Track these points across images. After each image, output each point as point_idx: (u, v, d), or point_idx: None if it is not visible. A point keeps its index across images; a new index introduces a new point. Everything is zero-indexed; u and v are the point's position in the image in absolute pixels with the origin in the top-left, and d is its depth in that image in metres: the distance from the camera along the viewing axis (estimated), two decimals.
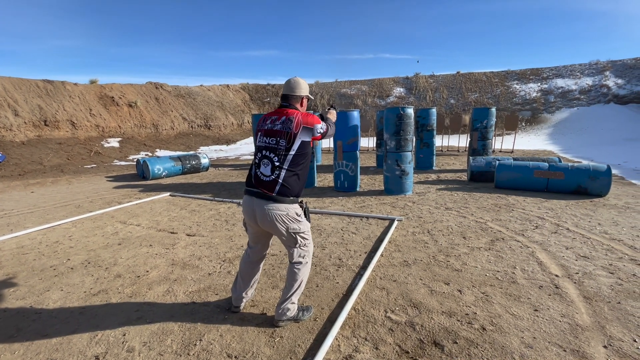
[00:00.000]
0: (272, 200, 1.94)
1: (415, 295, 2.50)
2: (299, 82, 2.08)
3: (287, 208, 1.96)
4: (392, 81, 22.25)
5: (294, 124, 1.94)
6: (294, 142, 1.95)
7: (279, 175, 1.95)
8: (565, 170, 5.37)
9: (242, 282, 2.29)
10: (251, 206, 2.01)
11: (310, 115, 2.03)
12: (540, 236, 3.61)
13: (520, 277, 2.72)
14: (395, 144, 5.67)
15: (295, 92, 2.07)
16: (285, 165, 1.96)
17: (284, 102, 2.09)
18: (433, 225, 4.09)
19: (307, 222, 2.09)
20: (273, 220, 1.95)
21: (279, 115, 2.02)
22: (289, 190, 1.97)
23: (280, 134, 1.96)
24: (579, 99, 17.10)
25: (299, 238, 2.04)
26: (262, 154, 2.02)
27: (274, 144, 1.98)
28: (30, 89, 11.35)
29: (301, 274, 2.10)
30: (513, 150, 11.30)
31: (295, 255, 2.07)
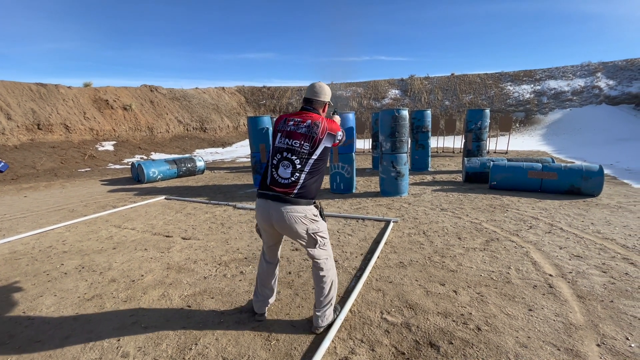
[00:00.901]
0: (289, 202, 1.90)
1: (411, 296, 2.51)
2: (323, 87, 2.09)
3: (304, 210, 1.94)
4: (387, 83, 22.36)
5: (320, 129, 1.94)
6: (318, 147, 1.95)
7: (299, 177, 1.93)
8: (558, 171, 5.42)
9: (264, 288, 2.25)
10: (267, 209, 1.96)
11: (334, 122, 2.05)
12: (535, 236, 3.64)
13: (514, 277, 2.74)
14: (390, 145, 5.69)
15: (320, 97, 2.08)
16: (306, 169, 1.94)
17: (308, 105, 2.08)
18: (429, 226, 4.11)
19: (323, 221, 2.08)
20: (292, 223, 1.91)
21: (303, 118, 2.00)
22: (307, 192, 1.95)
23: (305, 137, 1.94)
24: (571, 100, 17.32)
25: (319, 238, 2.02)
26: (283, 155, 1.96)
27: (297, 146, 1.94)
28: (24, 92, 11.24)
29: (330, 274, 2.10)
30: (507, 151, 11.40)
31: (316, 255, 2.04)
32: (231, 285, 2.83)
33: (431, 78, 21.93)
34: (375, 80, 22.85)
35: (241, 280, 2.91)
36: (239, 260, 3.33)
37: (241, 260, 3.34)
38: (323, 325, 2.10)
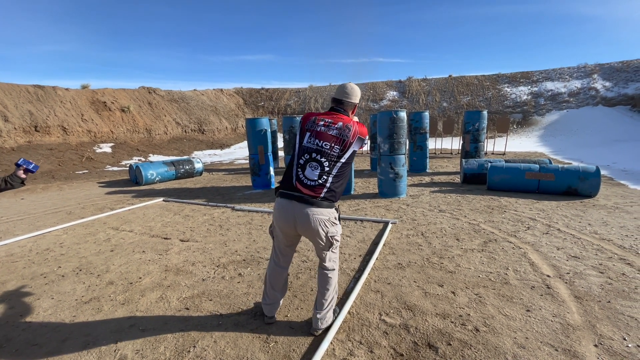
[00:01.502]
0: (314, 205, 1.87)
1: (410, 297, 2.51)
2: (355, 89, 2.06)
3: (328, 213, 1.93)
4: (385, 85, 22.42)
5: (352, 132, 1.92)
6: (348, 150, 1.93)
7: (326, 180, 1.90)
8: (555, 172, 5.45)
9: (274, 291, 2.23)
10: (291, 210, 1.92)
11: (364, 126, 2.03)
12: (532, 237, 3.65)
13: (512, 277, 2.75)
14: (388, 147, 5.71)
15: (351, 99, 2.05)
16: (333, 172, 1.92)
17: (338, 106, 2.05)
18: (427, 228, 4.11)
19: (339, 225, 2.09)
20: (317, 226, 1.89)
21: (334, 120, 1.96)
22: (333, 195, 1.94)
23: (336, 140, 1.91)
24: (568, 101, 17.42)
25: (334, 241, 2.03)
26: (312, 156, 1.91)
27: (327, 148, 1.90)
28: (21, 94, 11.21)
29: (335, 279, 2.12)
30: (505, 153, 11.44)
31: (327, 259, 2.05)
32: (229, 287, 2.82)
33: (429, 80, 22.01)
34: (373, 82, 22.91)
35: (239, 282, 2.91)
36: (237, 262, 3.33)
37: (239, 262, 3.34)
38: (322, 327, 2.10)
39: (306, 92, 23.71)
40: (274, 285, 2.23)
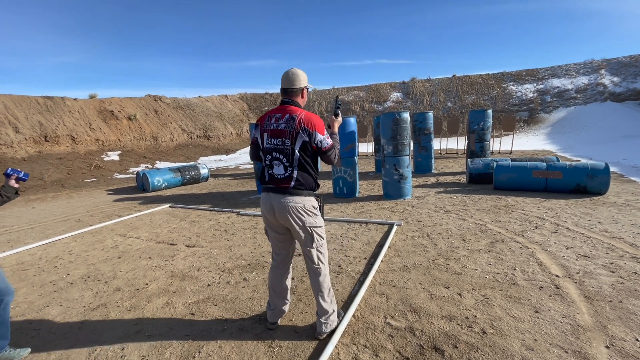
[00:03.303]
0: (288, 193, 1.92)
1: (415, 300, 2.48)
2: (297, 73, 1.99)
3: (303, 200, 1.94)
4: (389, 86, 22.39)
5: (296, 122, 1.90)
6: (296, 141, 1.91)
7: (292, 172, 1.93)
8: (563, 170, 5.37)
9: (276, 296, 2.21)
10: (269, 201, 1.98)
11: (316, 118, 1.94)
12: (540, 236, 3.59)
13: (520, 278, 2.70)
14: (392, 148, 5.69)
15: (294, 85, 1.98)
16: (295, 164, 1.93)
17: (285, 97, 2.03)
18: (432, 229, 4.08)
19: (321, 218, 2.06)
20: (290, 212, 1.91)
21: (283, 112, 1.97)
22: (303, 184, 1.95)
23: (285, 133, 1.92)
24: (575, 98, 17.17)
25: (316, 235, 1.99)
26: (273, 155, 1.96)
27: (280, 145, 1.93)
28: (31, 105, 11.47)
29: (326, 279, 2.08)
30: (512, 151, 11.31)
31: (314, 257, 2.02)
32: (234, 292, 2.83)
33: (433, 80, 21.91)
34: (377, 84, 22.90)
35: (244, 287, 2.91)
36: (242, 267, 3.33)
37: (244, 266, 3.35)
38: (326, 331, 2.09)
39: (310, 96, 23.79)
40: (274, 289, 2.22)
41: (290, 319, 2.36)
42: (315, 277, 2.07)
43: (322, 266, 2.06)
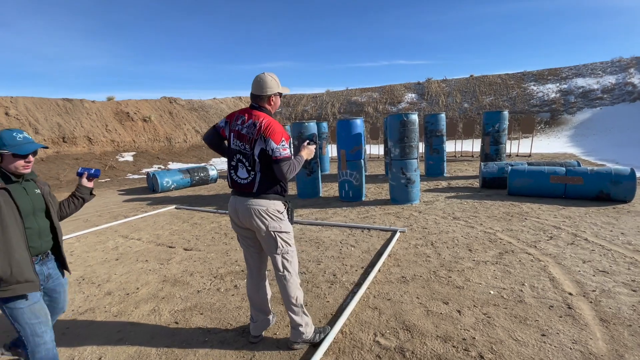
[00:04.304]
0: (251, 196, 1.86)
1: (410, 316, 2.30)
2: (265, 79, 1.87)
3: (267, 203, 1.85)
4: (403, 87, 22.00)
5: (257, 129, 1.82)
6: (255, 147, 1.83)
7: (255, 177, 1.85)
8: (584, 175, 5.01)
9: (254, 308, 2.11)
10: (234, 204, 1.93)
11: (275, 126, 1.83)
12: (555, 248, 3.32)
13: (528, 295, 2.47)
14: (399, 151, 5.48)
15: (262, 92, 1.88)
16: (257, 169, 1.85)
17: (253, 101, 1.94)
18: (437, 237, 3.86)
19: (288, 223, 1.94)
20: (252, 215, 1.83)
21: (248, 116, 1.89)
22: (267, 189, 1.86)
23: (245, 138, 1.86)
24: (601, 98, 16.29)
25: (280, 240, 1.88)
26: (237, 158, 1.91)
27: (243, 148, 1.88)
28: (51, 107, 11.90)
29: (291, 289, 1.94)
30: (530, 154, 10.80)
31: (279, 264, 1.91)
32: (223, 300, 2.73)
33: (449, 80, 21.37)
34: (391, 85, 22.54)
35: (234, 294, 2.81)
36: (235, 273, 3.24)
37: (237, 272, 3.25)
38: (298, 341, 1.98)
39: (323, 97, 23.70)
40: (252, 300, 2.11)
41: (274, 332, 2.24)
42: (281, 285, 1.95)
43: (287, 275, 1.93)
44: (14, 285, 1.49)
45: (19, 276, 1.48)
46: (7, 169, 1.52)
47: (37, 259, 1.62)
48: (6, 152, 1.49)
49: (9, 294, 1.48)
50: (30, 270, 1.53)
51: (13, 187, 1.52)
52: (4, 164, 1.51)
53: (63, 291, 1.87)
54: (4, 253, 1.45)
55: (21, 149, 1.52)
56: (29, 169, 1.58)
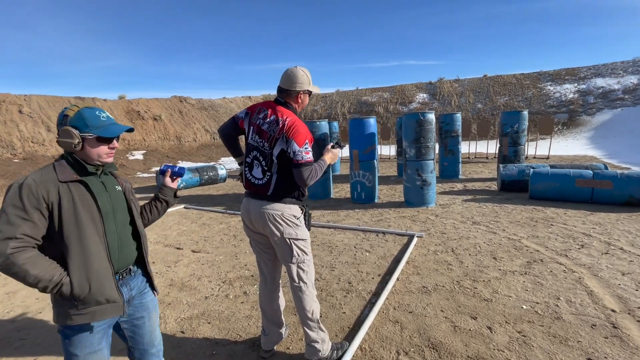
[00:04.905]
0: (265, 199, 1.69)
1: (435, 332, 2.10)
2: (297, 74, 1.70)
3: (282, 208, 1.68)
4: (414, 87, 21.65)
5: (279, 127, 1.65)
6: (275, 147, 1.66)
7: (271, 178, 1.69)
8: (613, 179, 4.71)
9: (267, 320, 1.95)
10: (246, 207, 1.78)
11: (300, 127, 1.64)
12: (588, 258, 3.07)
13: (565, 311, 2.24)
14: (415, 152, 5.26)
15: (291, 87, 1.70)
16: (273, 170, 1.68)
17: (279, 95, 1.76)
18: (458, 243, 3.64)
19: (306, 230, 1.77)
20: (266, 221, 1.67)
21: (270, 112, 1.72)
22: (284, 192, 1.69)
23: (266, 135, 1.69)
24: (622, 99, 15.70)
25: (295, 248, 1.71)
26: (253, 155, 1.75)
27: (261, 145, 1.71)
28: (63, 105, 11.98)
29: (307, 302, 1.76)
30: (549, 156, 10.42)
31: (294, 274, 1.74)
32: (232, 307, 2.57)
33: (462, 80, 20.94)
34: (402, 85, 22.22)
35: (243, 302, 2.65)
36: (245, 278, 3.08)
37: (247, 278, 3.09)
38: (315, 359, 1.79)
39: (333, 97, 23.51)
40: (264, 311, 1.94)
41: (287, 346, 2.06)
42: (296, 297, 1.78)
43: (303, 286, 1.75)
44: (93, 308, 1.12)
45: (98, 294, 1.12)
46: (86, 157, 1.16)
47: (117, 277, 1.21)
48: (90, 135, 1.13)
49: (83, 319, 1.11)
50: (113, 285, 1.16)
51: (90, 179, 1.17)
52: (84, 151, 1.15)
53: (149, 318, 1.34)
54: (80, 263, 1.10)
55: (108, 130, 1.17)
56: (112, 157, 1.23)
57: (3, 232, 1.00)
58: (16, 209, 1.02)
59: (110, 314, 1.16)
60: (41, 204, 1.05)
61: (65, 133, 1.12)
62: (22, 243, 1.02)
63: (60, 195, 1.09)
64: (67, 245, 1.09)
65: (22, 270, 1.00)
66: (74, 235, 1.10)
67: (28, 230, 1.03)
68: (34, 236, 1.05)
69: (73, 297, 1.08)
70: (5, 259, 0.99)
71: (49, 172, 1.11)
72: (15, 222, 1.01)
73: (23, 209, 1.03)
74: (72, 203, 1.10)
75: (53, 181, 1.09)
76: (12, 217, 1.01)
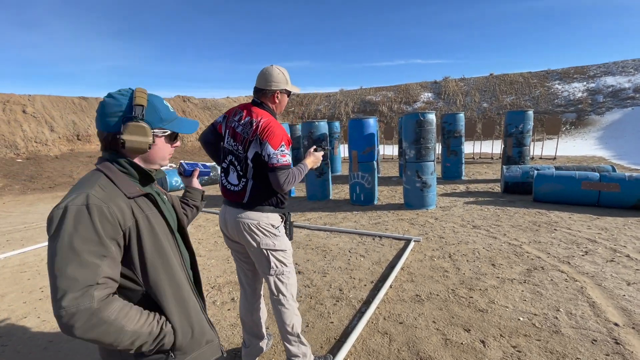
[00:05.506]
0: (242, 207, 1.59)
1: (425, 345, 2.00)
2: (271, 72, 1.61)
3: (258, 216, 1.58)
4: (419, 86, 21.43)
5: (253, 129, 1.55)
6: (249, 150, 1.56)
7: (246, 184, 1.59)
8: (621, 182, 4.53)
9: (246, 331, 1.86)
10: (223, 215, 1.69)
11: (276, 127, 1.55)
12: (592, 265, 2.93)
13: (565, 324, 2.12)
14: (415, 153, 5.14)
15: (265, 85, 1.60)
16: (249, 176, 1.58)
17: (255, 96, 1.67)
18: (456, 248, 3.52)
19: (286, 239, 1.67)
20: (241, 230, 1.58)
21: (246, 113, 1.63)
22: (261, 199, 1.60)
23: (239, 138, 1.61)
24: (633, 98, 15.31)
25: (273, 260, 1.61)
26: (229, 160, 1.66)
27: (235, 149, 1.62)
28: (67, 105, 12.09)
29: (287, 316, 1.68)
30: (555, 157, 10.18)
31: (272, 287, 1.65)
32: (217, 315, 2.49)
33: (467, 79, 20.66)
34: (406, 84, 22.01)
35: (230, 309, 2.57)
36: (234, 284, 3.00)
37: (236, 283, 3.01)
38: None
39: (337, 96, 23.39)
40: (244, 322, 1.85)
41: (269, 358, 1.98)
42: (275, 311, 1.69)
43: (282, 299, 1.66)
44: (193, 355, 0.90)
45: (200, 337, 0.92)
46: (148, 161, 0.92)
47: None
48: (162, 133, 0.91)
49: None
50: (206, 323, 0.96)
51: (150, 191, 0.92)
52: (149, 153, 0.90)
53: None
54: (176, 303, 0.87)
55: (182, 125, 0.95)
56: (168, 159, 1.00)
57: (78, 280, 0.70)
58: (88, 242, 0.72)
59: (210, 357, 0.95)
60: (118, 232, 0.78)
61: (138, 130, 0.84)
62: (106, 290, 0.74)
63: (136, 216, 0.83)
64: (155, 281, 0.84)
65: (116, 328, 0.73)
66: (161, 267, 0.85)
67: (109, 270, 0.75)
68: (115, 277, 0.77)
69: (173, 347, 0.85)
70: (91, 316, 0.69)
71: (109, 186, 0.81)
72: (91, 261, 0.72)
73: (99, 242, 0.74)
74: (150, 226, 0.86)
75: (122, 198, 0.81)
76: (85, 255, 0.71)
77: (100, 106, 0.86)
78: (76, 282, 0.69)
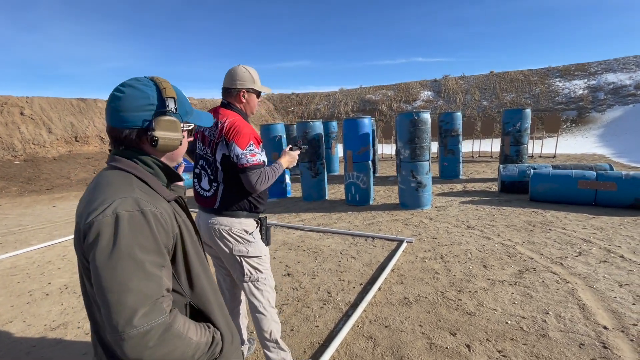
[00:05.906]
0: (214, 213, 1.56)
1: (409, 350, 1.97)
2: (236, 71, 1.59)
3: (230, 222, 1.54)
4: (419, 85, 21.33)
5: (218, 129, 1.53)
6: (216, 152, 1.54)
7: (217, 189, 1.56)
8: (618, 180, 4.48)
9: None
10: (197, 221, 1.65)
11: (242, 127, 1.49)
12: (585, 266, 2.89)
13: (553, 327, 2.08)
14: (409, 152, 5.10)
15: (231, 85, 1.58)
16: (220, 180, 1.55)
17: (223, 97, 1.64)
18: (449, 249, 3.48)
19: (262, 245, 1.63)
20: (213, 236, 1.55)
21: (213, 116, 1.59)
22: (232, 204, 1.56)
23: (207, 141, 1.59)
24: (635, 95, 15.17)
25: (247, 266, 1.57)
26: (200, 164, 1.63)
27: (205, 153, 1.60)
28: (65, 107, 12.11)
29: (264, 322, 1.64)
30: (555, 155, 10.10)
31: (248, 294, 1.62)
32: None
33: (467, 77, 20.54)
34: (406, 83, 21.91)
35: None
36: None
37: None
38: None
39: (336, 96, 23.33)
40: None
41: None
42: (253, 317, 1.66)
43: (259, 306, 1.63)
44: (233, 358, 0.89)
45: (237, 341, 0.91)
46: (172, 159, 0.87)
47: None
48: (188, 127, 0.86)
49: None
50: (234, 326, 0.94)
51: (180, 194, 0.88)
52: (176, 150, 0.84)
53: None
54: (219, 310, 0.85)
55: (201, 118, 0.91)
56: None
57: (146, 294, 0.63)
58: (149, 252, 0.66)
59: None
60: (170, 239, 0.73)
61: (171, 125, 0.77)
62: (169, 302, 0.69)
63: (178, 222, 0.78)
64: (201, 289, 0.81)
65: (184, 342, 0.68)
66: (202, 274, 0.82)
67: (167, 281, 0.69)
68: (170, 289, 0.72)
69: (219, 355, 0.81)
70: (164, 332, 0.64)
71: (144, 188, 0.74)
72: (154, 273, 0.66)
73: (158, 251, 0.68)
74: (188, 232, 0.81)
75: (164, 203, 0.76)
76: (147, 266, 0.65)
77: (115, 99, 0.75)
78: (145, 297, 0.62)
